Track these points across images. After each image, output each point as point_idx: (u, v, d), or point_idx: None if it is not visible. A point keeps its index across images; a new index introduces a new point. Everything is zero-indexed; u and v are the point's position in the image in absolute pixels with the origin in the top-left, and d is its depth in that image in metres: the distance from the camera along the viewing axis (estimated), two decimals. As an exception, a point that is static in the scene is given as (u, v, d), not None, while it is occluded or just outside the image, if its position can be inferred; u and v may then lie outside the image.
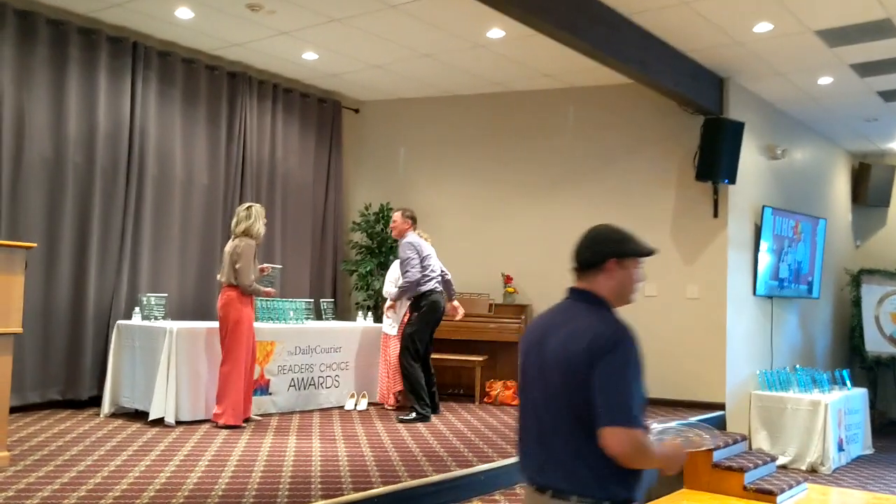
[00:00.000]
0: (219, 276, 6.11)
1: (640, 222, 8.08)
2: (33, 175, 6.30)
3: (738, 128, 7.61)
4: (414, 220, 6.93)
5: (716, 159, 7.53)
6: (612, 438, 2.17)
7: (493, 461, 5.00)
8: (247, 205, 6.14)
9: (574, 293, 2.46)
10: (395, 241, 8.60)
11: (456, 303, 7.05)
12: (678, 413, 7.37)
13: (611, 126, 8.28)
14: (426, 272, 6.64)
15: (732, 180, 7.63)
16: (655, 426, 2.58)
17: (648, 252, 2.46)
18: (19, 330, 4.45)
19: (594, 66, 7.03)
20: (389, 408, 7.06)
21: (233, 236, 6.06)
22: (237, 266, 5.86)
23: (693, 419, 6.85)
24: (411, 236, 6.79)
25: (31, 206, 6.29)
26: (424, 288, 6.62)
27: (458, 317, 7.08)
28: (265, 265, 6.33)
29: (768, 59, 7.23)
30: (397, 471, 4.62)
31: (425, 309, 6.64)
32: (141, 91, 6.98)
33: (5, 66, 6.13)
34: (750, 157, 8.03)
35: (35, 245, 4.73)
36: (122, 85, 6.85)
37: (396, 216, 6.89)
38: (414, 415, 6.42)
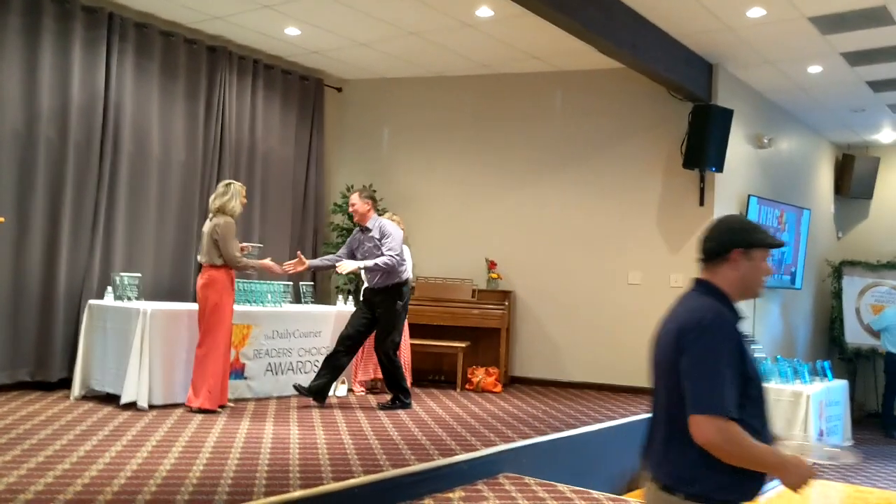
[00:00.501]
0: (199, 257, 5.93)
1: (626, 209, 8.01)
2: (4, 149, 6.07)
3: (727, 115, 7.52)
4: (374, 200, 6.47)
5: (703, 147, 7.44)
6: (698, 427, 2.09)
7: (476, 450, 4.89)
8: (226, 182, 5.97)
9: (695, 283, 2.37)
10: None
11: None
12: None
13: (599, 111, 8.16)
14: (405, 259, 6.45)
15: (720, 168, 7.55)
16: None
17: (778, 244, 2.38)
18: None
19: (583, 50, 6.90)
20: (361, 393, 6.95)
21: (210, 214, 5.88)
22: (220, 244, 5.68)
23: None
24: (381, 219, 6.39)
25: (1, 181, 6.05)
26: (405, 276, 6.41)
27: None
28: (245, 244, 6.15)
29: (759, 45, 7.14)
30: (378, 459, 4.49)
31: (406, 300, 6.44)
32: (117, 64, 6.75)
33: (-26, 33, 5.89)
34: (737, 145, 7.94)
35: (3, 220, 4.52)
36: (97, 58, 6.61)
37: (354, 198, 6.36)
38: (398, 404, 6.28)
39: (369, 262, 6.14)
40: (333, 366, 6.22)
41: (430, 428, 5.54)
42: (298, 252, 6.53)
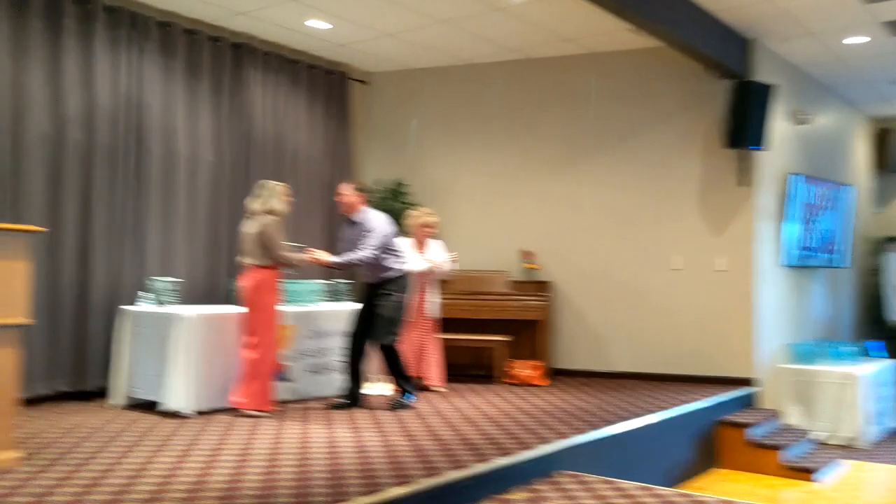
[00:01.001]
0: (243, 259, 5.78)
1: (664, 192, 7.80)
2: (32, 154, 5.94)
3: (767, 91, 7.29)
4: (366, 193, 6.22)
5: (744, 125, 7.23)
6: None
7: (531, 447, 4.72)
8: (260, 183, 5.84)
9: None
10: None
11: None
12: (708, 390, 7.11)
13: (633, 93, 7.95)
14: (399, 251, 6.20)
15: (762, 146, 7.32)
16: None
17: None
18: (25, 320, 4.13)
19: (616, 30, 6.71)
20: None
21: (252, 215, 5.75)
22: (268, 244, 5.56)
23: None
24: (370, 212, 6.12)
25: (32, 188, 5.94)
26: (402, 268, 6.13)
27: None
28: (286, 244, 6.01)
29: (799, 16, 6.89)
30: (433, 461, 4.33)
31: (406, 291, 6.20)
32: (141, 64, 6.61)
33: (-2, 38, 5.76)
34: (775, 122, 7.70)
35: (44, 229, 4.39)
36: (120, 58, 6.47)
37: (344, 188, 6.13)
38: (409, 398, 6.07)
39: (344, 258, 5.95)
40: (355, 371, 6.09)
41: (480, 425, 5.37)
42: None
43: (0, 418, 4.01)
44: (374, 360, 6.37)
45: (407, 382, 6.12)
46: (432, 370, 6.93)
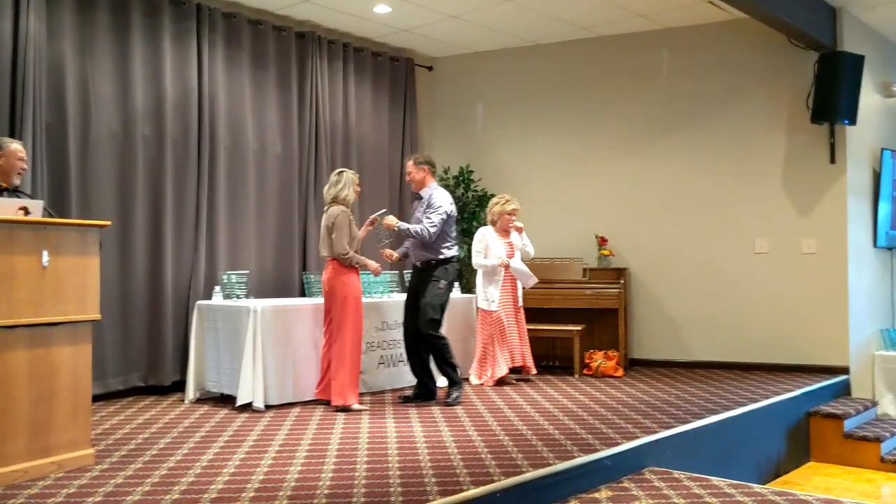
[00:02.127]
0: (321, 250, 5.68)
1: (747, 171, 7.43)
2: (102, 150, 5.95)
3: (857, 62, 6.86)
4: (432, 165, 5.94)
5: (833, 98, 6.81)
6: None
7: (615, 442, 4.49)
8: (338, 170, 5.72)
9: None
10: (478, 204, 8.12)
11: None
12: (797, 379, 6.75)
13: (711, 68, 7.58)
14: (453, 236, 5.91)
15: (853, 121, 6.90)
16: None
17: None
18: (97, 316, 4.10)
19: (691, 3, 6.39)
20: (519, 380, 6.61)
21: (326, 206, 5.65)
22: (333, 236, 5.45)
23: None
24: (436, 189, 5.89)
25: (102, 183, 5.95)
26: (451, 253, 5.85)
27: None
28: (373, 215, 5.85)
29: (891, -19, 6.45)
30: (514, 458, 4.15)
31: (453, 278, 5.92)
32: (207, 57, 6.57)
33: (66, 34, 5.76)
34: (864, 95, 7.23)
35: (109, 223, 4.36)
36: (187, 51, 6.44)
37: (409, 165, 5.92)
38: (457, 392, 5.79)
39: (404, 224, 5.75)
40: (422, 367, 5.89)
41: (559, 419, 5.16)
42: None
43: (75, 415, 3.98)
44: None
45: (455, 370, 5.81)
46: (529, 358, 6.76)
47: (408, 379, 6.30)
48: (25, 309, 3.75)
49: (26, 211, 3.91)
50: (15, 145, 4.45)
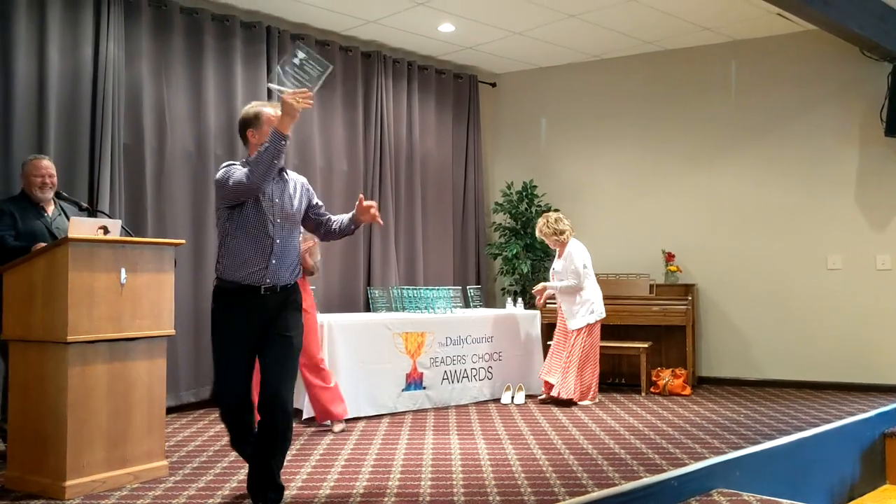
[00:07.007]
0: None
1: (818, 186, 7.25)
2: (177, 170, 6.16)
3: (935, 72, 6.64)
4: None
5: (910, 110, 6.59)
6: None
7: (683, 463, 4.42)
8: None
9: None
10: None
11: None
12: (872, 399, 6.53)
13: (780, 81, 7.43)
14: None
15: (930, 133, 6.67)
16: None
17: None
18: (172, 332, 4.23)
19: (759, 15, 6.28)
20: (589, 401, 6.49)
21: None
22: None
23: None
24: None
25: (177, 202, 6.15)
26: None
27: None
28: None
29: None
30: (579, 478, 4.12)
31: None
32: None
33: (144, 57, 5.99)
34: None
35: (183, 242, 4.51)
36: (258, 72, 6.62)
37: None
38: None
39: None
40: None
41: (625, 438, 5.10)
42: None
43: (150, 427, 4.11)
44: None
45: None
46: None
47: (471, 395, 6.34)
48: (105, 325, 3.90)
49: (105, 230, 4.07)
50: (37, 160, 4.76)
